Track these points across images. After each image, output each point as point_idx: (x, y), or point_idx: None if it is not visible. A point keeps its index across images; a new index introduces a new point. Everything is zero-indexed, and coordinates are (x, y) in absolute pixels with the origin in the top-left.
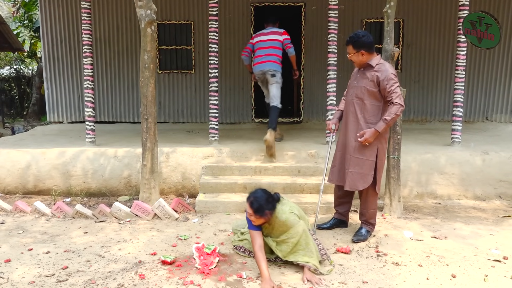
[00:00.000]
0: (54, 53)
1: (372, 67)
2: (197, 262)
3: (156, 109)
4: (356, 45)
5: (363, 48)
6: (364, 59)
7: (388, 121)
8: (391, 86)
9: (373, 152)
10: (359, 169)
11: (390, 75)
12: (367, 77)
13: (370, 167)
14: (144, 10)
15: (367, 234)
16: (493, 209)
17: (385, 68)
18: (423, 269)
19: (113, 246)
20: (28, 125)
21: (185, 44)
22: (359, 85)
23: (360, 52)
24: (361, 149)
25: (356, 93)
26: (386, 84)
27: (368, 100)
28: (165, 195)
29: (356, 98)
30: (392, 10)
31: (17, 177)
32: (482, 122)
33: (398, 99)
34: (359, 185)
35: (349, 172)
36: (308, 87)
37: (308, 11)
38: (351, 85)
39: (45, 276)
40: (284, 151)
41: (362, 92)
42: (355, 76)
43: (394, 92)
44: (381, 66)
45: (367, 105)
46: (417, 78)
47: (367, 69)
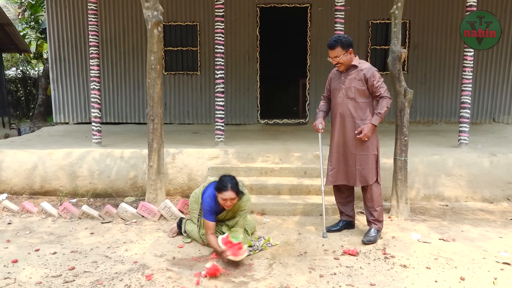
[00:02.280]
0: (60, 54)
1: (356, 66)
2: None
3: (162, 110)
4: (345, 45)
5: (351, 47)
6: (352, 58)
7: (381, 114)
8: (378, 81)
9: (374, 146)
10: (366, 165)
11: (375, 72)
12: (354, 77)
13: (374, 161)
14: (151, 11)
15: (376, 234)
16: (501, 211)
17: (368, 66)
18: (431, 271)
19: (120, 247)
20: (34, 126)
21: (191, 45)
22: (349, 86)
23: (349, 51)
24: (363, 145)
25: (346, 94)
26: (373, 81)
27: (360, 98)
28: (171, 196)
29: (348, 99)
30: (399, 11)
31: (24, 177)
32: (489, 123)
33: (386, 92)
34: (370, 180)
35: (357, 170)
36: (314, 89)
37: (314, 12)
38: (336, 88)
39: (52, 276)
40: (290, 152)
41: (353, 92)
42: (338, 79)
43: (381, 87)
44: (363, 64)
45: (360, 103)
46: (424, 79)
47: (350, 70)
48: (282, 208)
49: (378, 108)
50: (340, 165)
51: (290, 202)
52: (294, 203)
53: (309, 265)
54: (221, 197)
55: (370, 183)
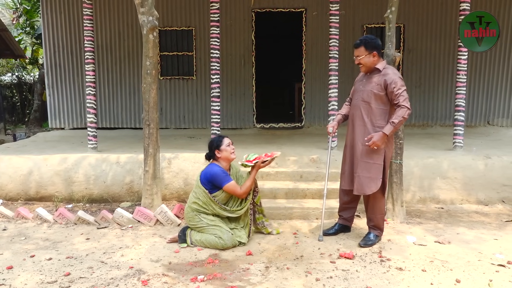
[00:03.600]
0: (56, 59)
1: (380, 70)
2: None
3: (158, 115)
4: (369, 46)
5: (376, 50)
6: (375, 61)
7: (395, 124)
8: (398, 89)
9: (380, 155)
10: (366, 173)
11: (397, 79)
12: (374, 81)
13: (378, 171)
14: (146, 17)
15: (375, 239)
16: (496, 213)
17: (392, 72)
18: (427, 274)
19: (116, 252)
20: (29, 131)
21: (186, 50)
22: (366, 89)
23: (372, 53)
24: (369, 153)
25: (362, 96)
26: (394, 87)
27: (374, 103)
28: (167, 201)
29: (362, 101)
30: (393, 15)
31: (19, 183)
32: (484, 126)
33: (405, 102)
34: (367, 190)
35: (357, 176)
36: (309, 92)
37: (309, 16)
38: (357, 90)
39: (48, 283)
40: (286, 156)
41: (368, 96)
42: (360, 81)
43: (401, 95)
44: (388, 69)
45: (374, 109)
46: (419, 83)
47: (374, 73)
48: (278, 212)
49: (393, 117)
50: (349, 169)
51: (286, 206)
52: (290, 207)
53: (305, 268)
54: (224, 147)
55: (367, 193)
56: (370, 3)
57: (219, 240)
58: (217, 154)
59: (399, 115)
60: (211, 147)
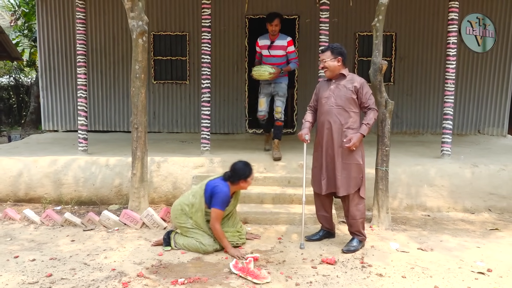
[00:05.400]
0: (50, 62)
1: (345, 76)
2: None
3: (147, 118)
4: (335, 51)
5: (341, 56)
6: (339, 66)
7: (370, 125)
8: (367, 92)
9: (359, 156)
10: (348, 173)
11: (365, 83)
12: (345, 86)
13: (359, 170)
14: (136, 21)
15: (358, 244)
16: (482, 221)
17: (358, 77)
18: (406, 280)
19: (100, 254)
20: (25, 133)
21: (180, 54)
22: (339, 95)
23: (337, 58)
24: (349, 154)
25: (336, 102)
26: (364, 92)
27: (349, 107)
28: (155, 204)
29: (337, 107)
30: (380, 24)
31: (9, 184)
32: (474, 135)
33: (374, 105)
34: (351, 188)
35: (339, 178)
36: (301, 99)
37: (302, 23)
38: (326, 96)
39: (29, 283)
40: (275, 161)
41: (343, 101)
42: (327, 88)
43: (370, 98)
44: (353, 75)
45: (349, 112)
46: (410, 91)
47: (340, 79)
48: (265, 217)
49: (366, 119)
50: (328, 173)
51: (272, 211)
52: (276, 212)
53: (286, 273)
54: (250, 180)
55: (351, 192)
56: (363, 11)
57: (200, 245)
58: (240, 183)
59: (371, 117)
60: (240, 175)
